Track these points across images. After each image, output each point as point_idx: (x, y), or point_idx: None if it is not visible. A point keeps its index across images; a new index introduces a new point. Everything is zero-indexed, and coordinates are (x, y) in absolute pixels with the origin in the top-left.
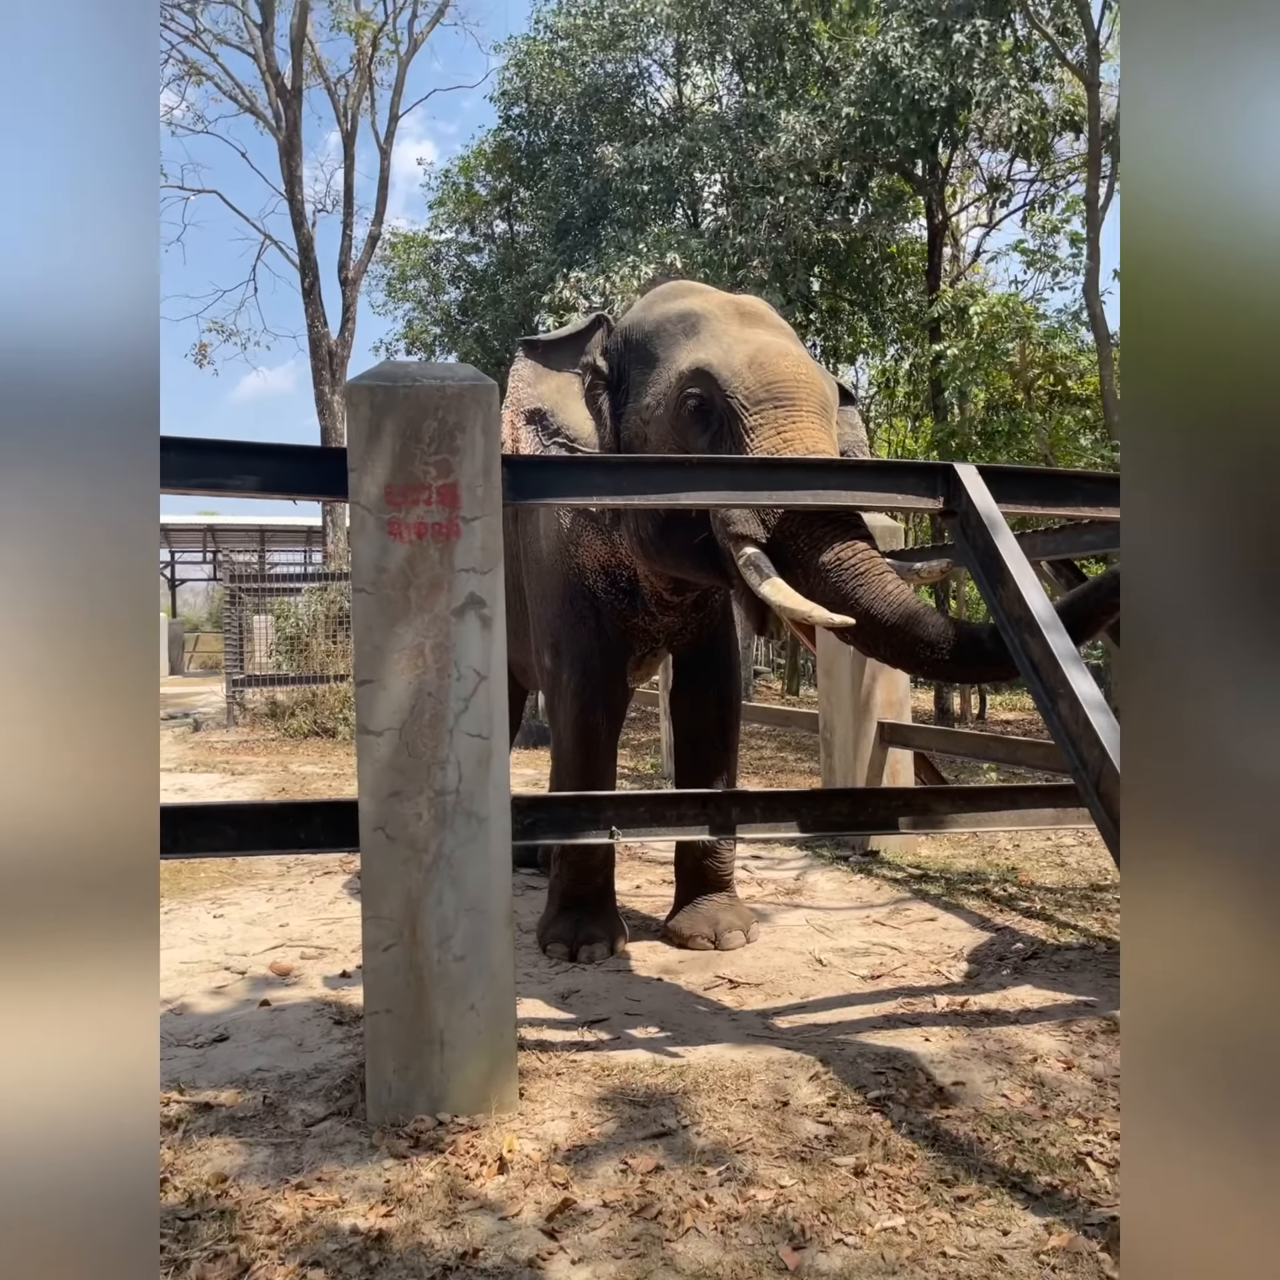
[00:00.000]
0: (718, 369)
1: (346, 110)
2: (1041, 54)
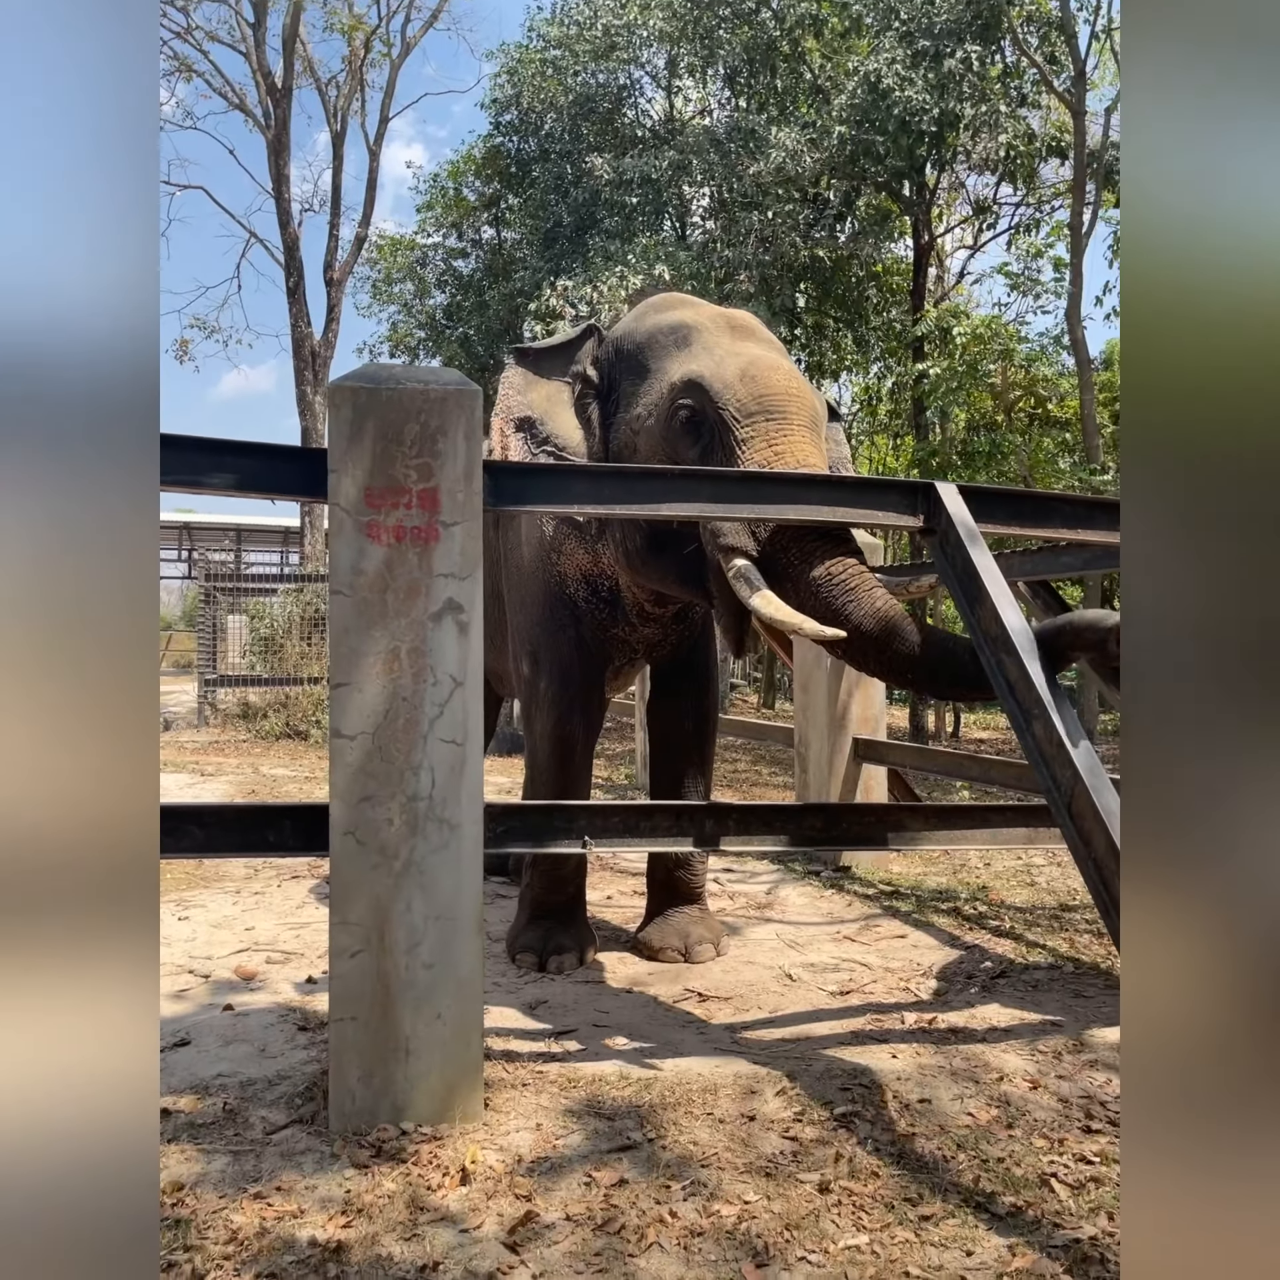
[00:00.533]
0: (710, 381)
1: (337, 111)
2: (1029, 81)
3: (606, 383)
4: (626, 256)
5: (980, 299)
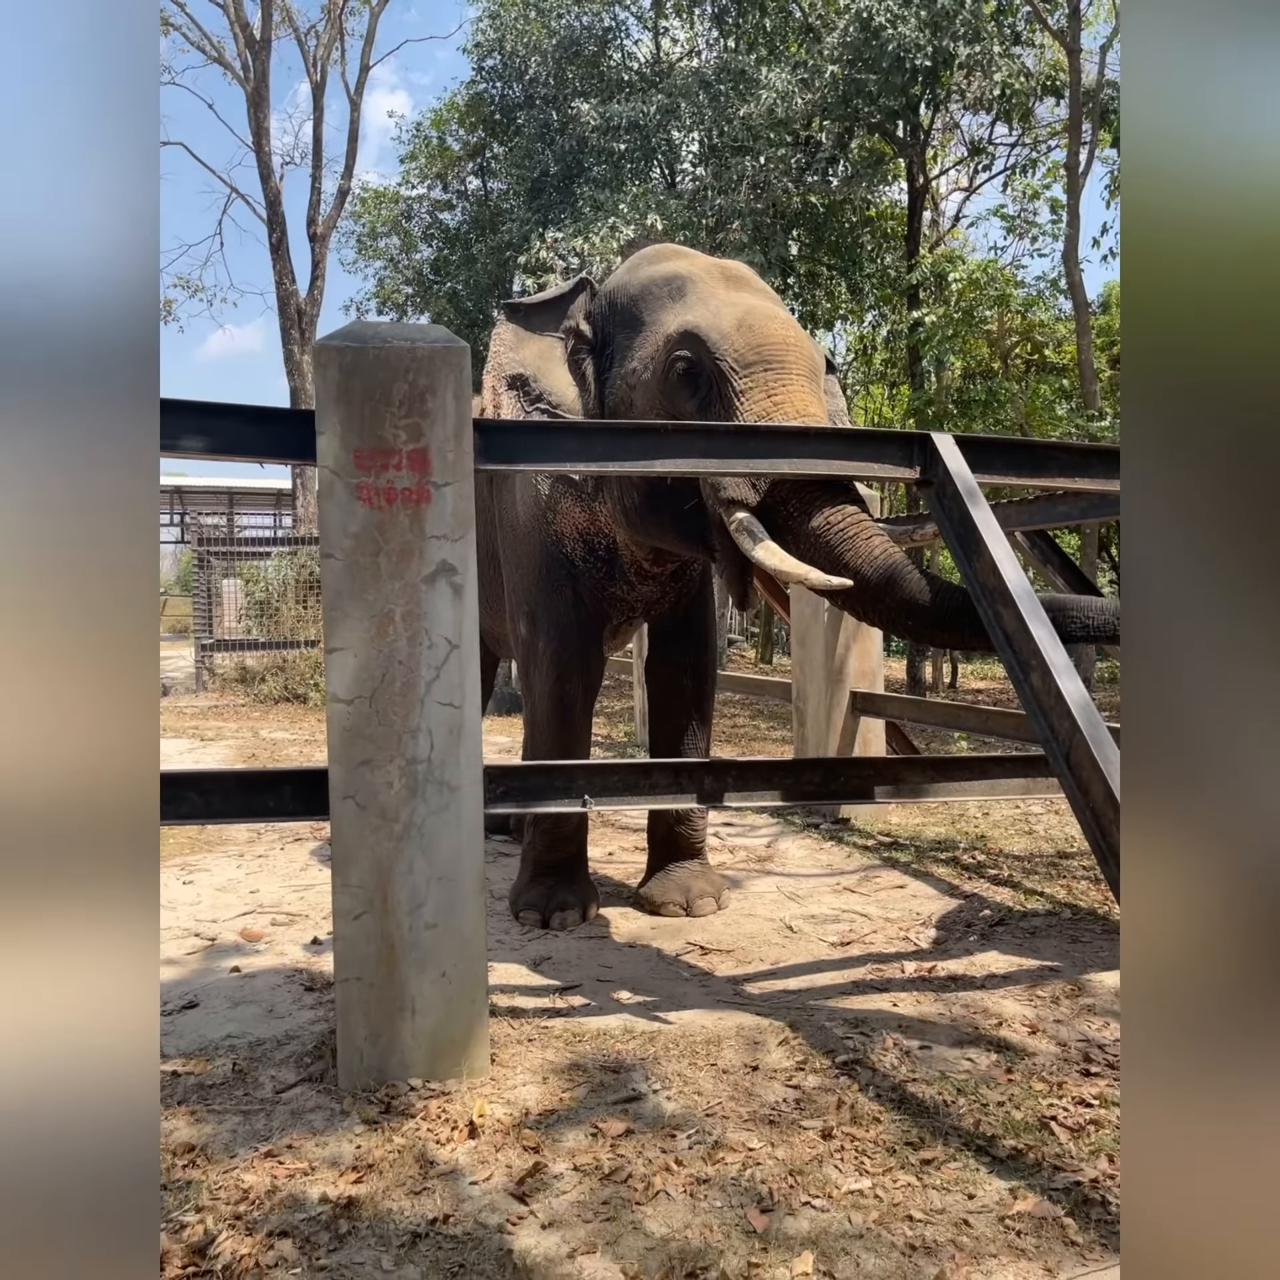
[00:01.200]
0: (706, 331)
1: (316, 61)
2: (1023, 18)
3: (600, 337)
4: (617, 206)
5: (976, 243)
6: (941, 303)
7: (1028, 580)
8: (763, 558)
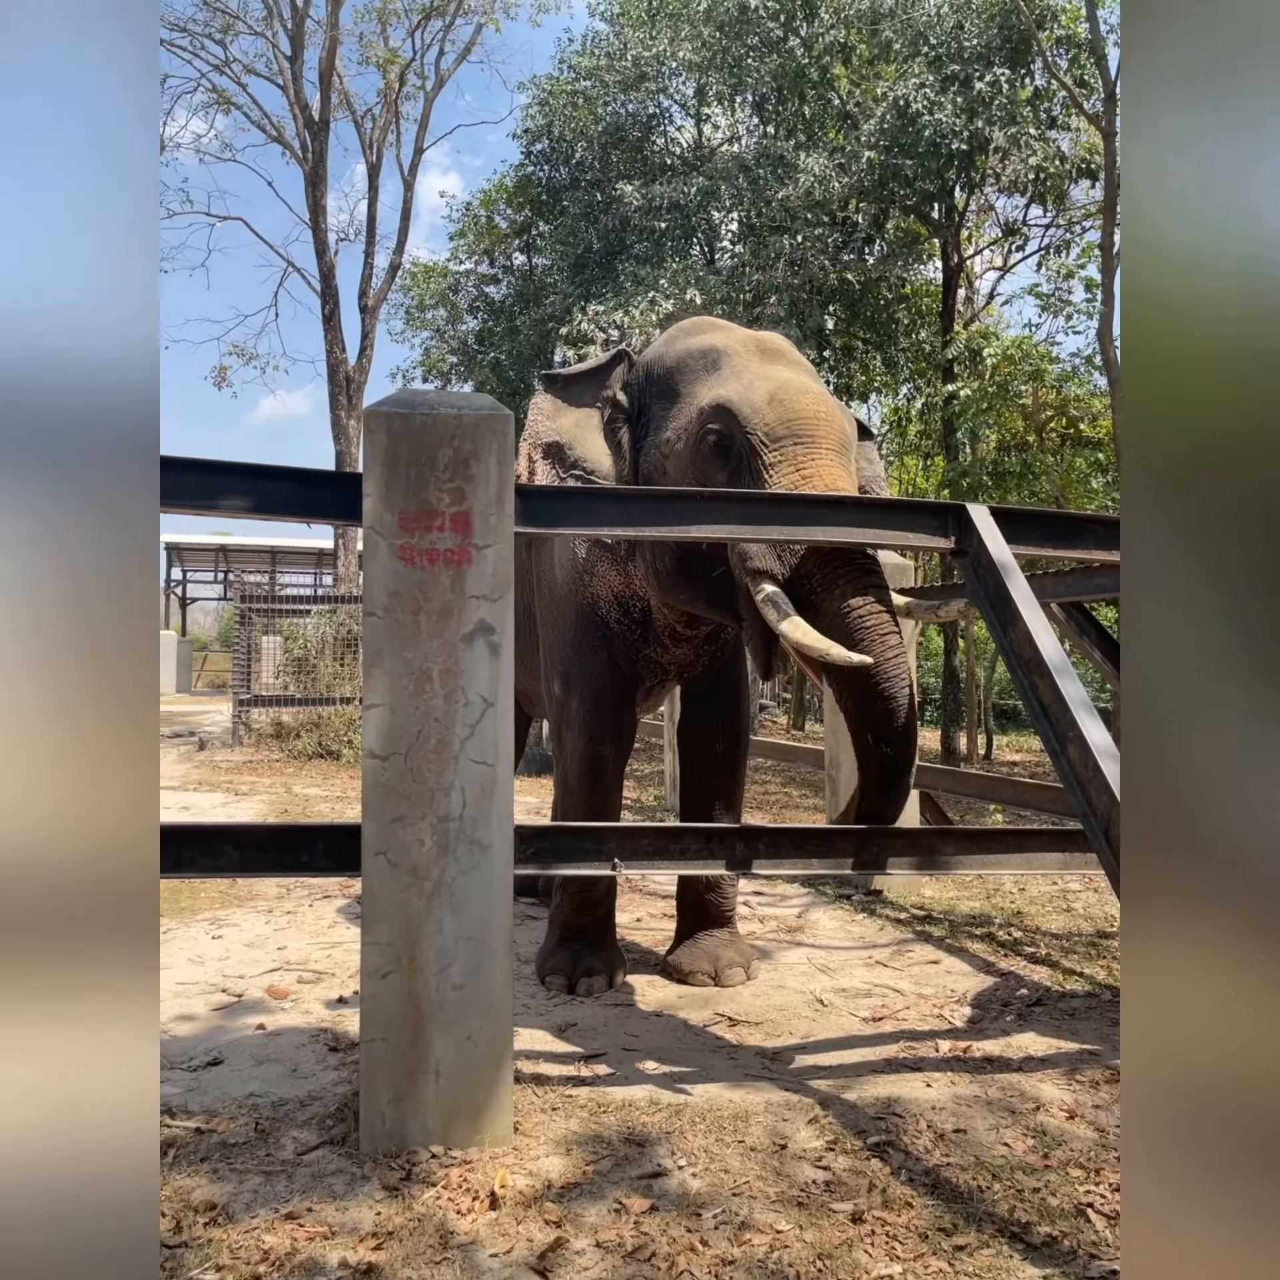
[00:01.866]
0: (738, 405)
1: (372, 143)
2: (1059, 103)
3: (636, 407)
4: (657, 281)
5: (1010, 319)
6: (976, 377)
7: (1064, 652)
8: (787, 631)
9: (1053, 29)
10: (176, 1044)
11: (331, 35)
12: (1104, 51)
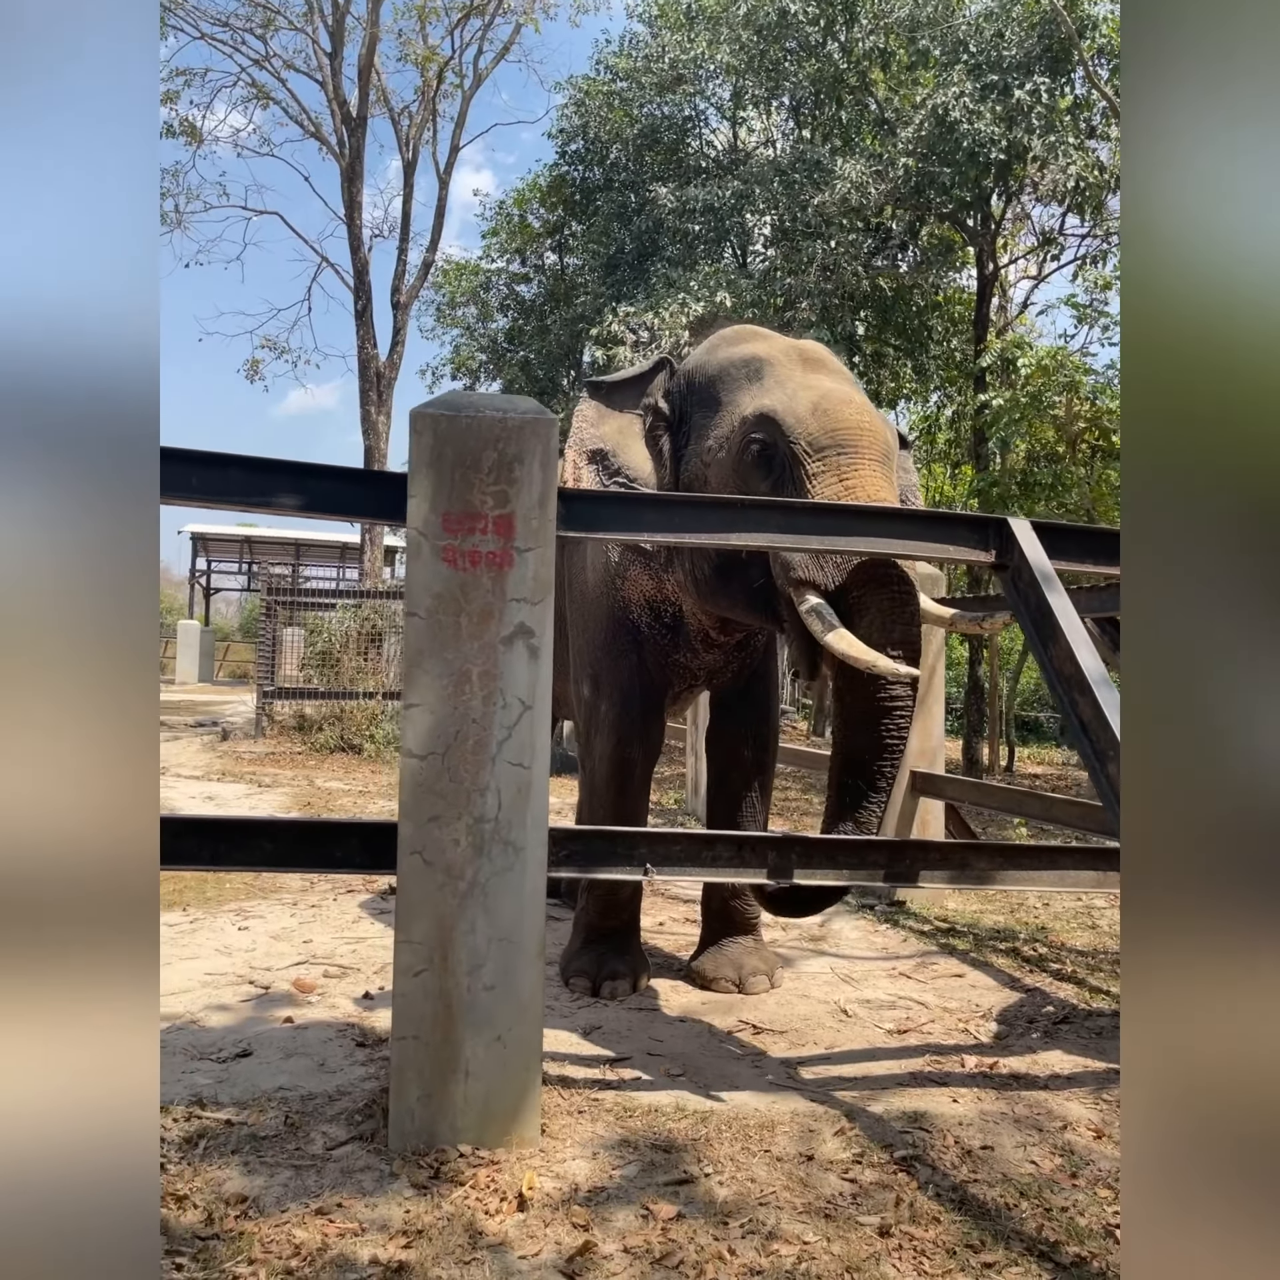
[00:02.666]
0: (782, 415)
1: (409, 140)
2: (1099, 112)
3: (678, 415)
4: (688, 284)
5: (1044, 329)
6: (1009, 387)
7: (1105, 669)
8: (833, 642)
9: (1094, 38)
10: (206, 1034)
11: (371, 32)
12: None
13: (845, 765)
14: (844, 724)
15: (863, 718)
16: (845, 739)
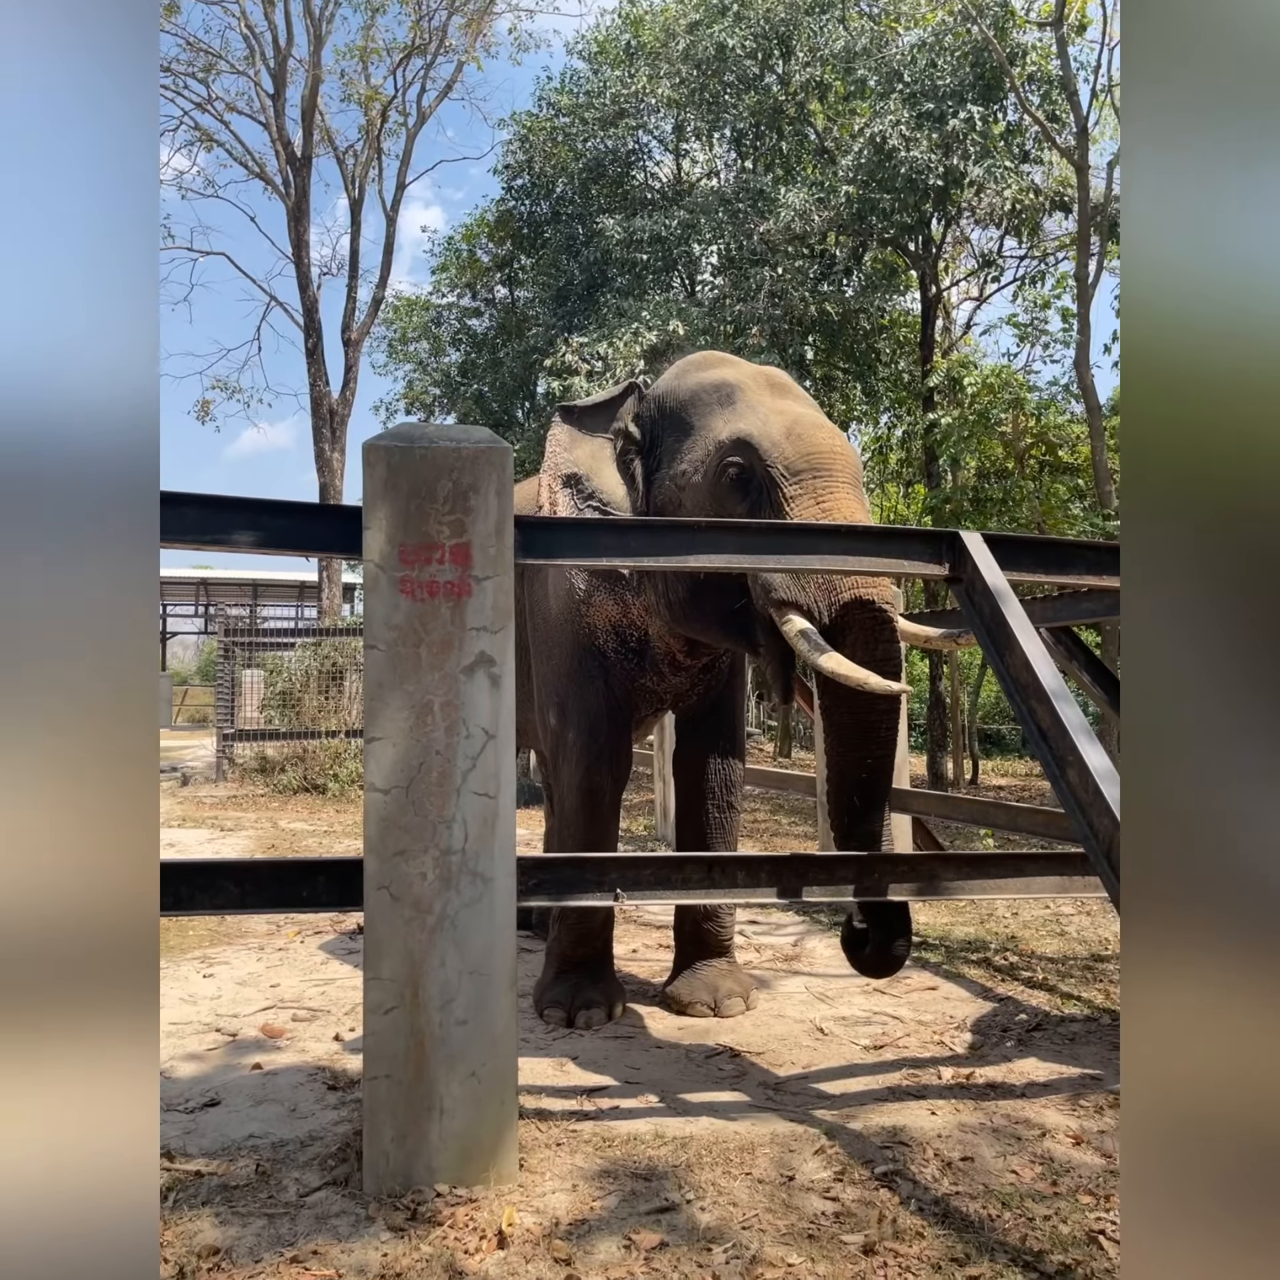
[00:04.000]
0: (758, 439)
1: (354, 179)
2: (1032, 138)
3: (649, 439)
4: (640, 313)
5: (987, 349)
6: (956, 405)
7: (1061, 677)
8: (825, 663)
9: (1024, 65)
10: (172, 1085)
11: (314, 74)
12: (1074, 87)
13: (843, 782)
14: (836, 741)
15: (854, 734)
16: (840, 756)
